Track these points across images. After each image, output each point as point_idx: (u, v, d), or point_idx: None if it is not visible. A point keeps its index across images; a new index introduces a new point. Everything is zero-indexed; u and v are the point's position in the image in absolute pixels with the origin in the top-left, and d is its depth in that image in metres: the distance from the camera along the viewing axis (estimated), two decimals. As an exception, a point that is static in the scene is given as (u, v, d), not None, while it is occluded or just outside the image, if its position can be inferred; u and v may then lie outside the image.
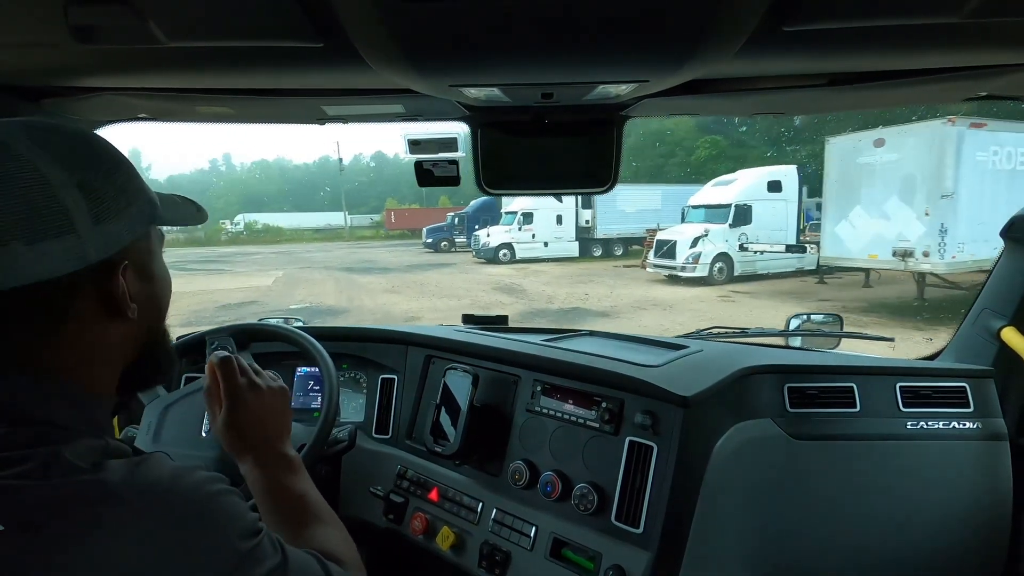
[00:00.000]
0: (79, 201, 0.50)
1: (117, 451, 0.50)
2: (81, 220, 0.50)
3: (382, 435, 1.45)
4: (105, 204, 0.52)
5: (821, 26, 0.67)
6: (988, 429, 1.27)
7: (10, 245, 0.46)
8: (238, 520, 0.51)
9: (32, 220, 0.47)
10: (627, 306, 10.06)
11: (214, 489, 0.51)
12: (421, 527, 1.23)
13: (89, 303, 0.53)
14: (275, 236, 40.37)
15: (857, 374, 1.28)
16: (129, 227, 0.55)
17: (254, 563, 0.50)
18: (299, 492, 0.77)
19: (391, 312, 9.90)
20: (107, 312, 0.55)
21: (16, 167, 0.47)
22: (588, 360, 1.20)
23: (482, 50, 0.71)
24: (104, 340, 0.56)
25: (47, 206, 0.48)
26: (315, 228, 43.82)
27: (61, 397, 0.52)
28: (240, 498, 0.54)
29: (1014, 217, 1.30)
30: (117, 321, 0.56)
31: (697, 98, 1.04)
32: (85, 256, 0.50)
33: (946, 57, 0.84)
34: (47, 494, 0.43)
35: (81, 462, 0.45)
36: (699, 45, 0.68)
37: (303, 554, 0.59)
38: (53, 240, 0.48)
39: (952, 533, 1.27)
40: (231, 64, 0.84)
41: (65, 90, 0.98)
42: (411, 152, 1.15)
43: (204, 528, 0.48)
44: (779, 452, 1.20)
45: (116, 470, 0.46)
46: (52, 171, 0.49)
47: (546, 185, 1.19)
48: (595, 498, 1.04)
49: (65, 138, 0.52)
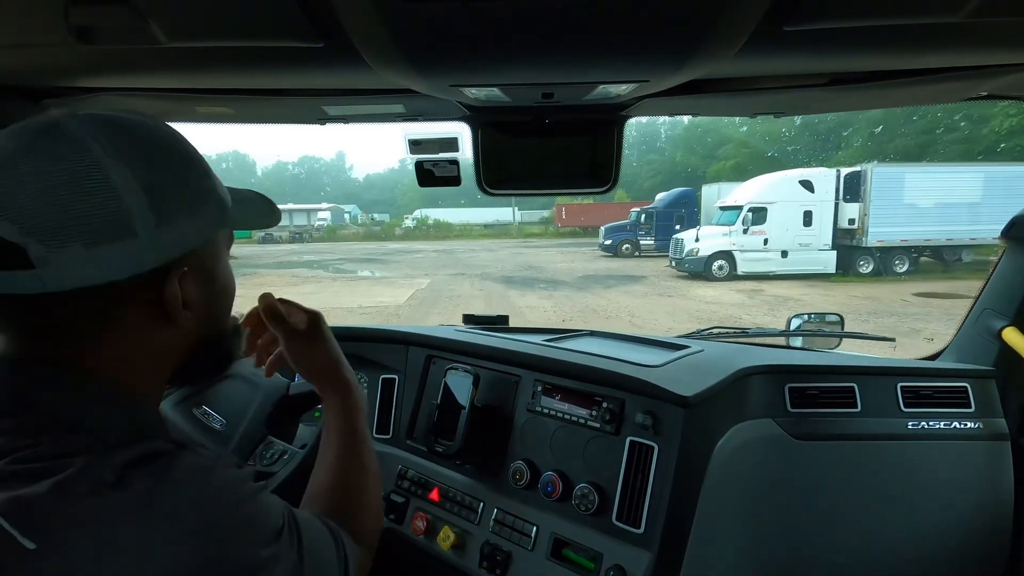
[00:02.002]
0: (143, 204, 0.48)
1: (158, 453, 0.48)
2: (142, 224, 0.48)
3: (383, 435, 1.45)
4: (170, 206, 0.50)
5: (821, 26, 0.67)
6: (989, 429, 1.27)
7: (68, 247, 0.45)
8: (263, 527, 0.51)
9: (95, 224, 0.45)
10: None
11: (243, 493, 0.50)
12: (422, 527, 1.23)
13: (141, 307, 0.52)
14: (444, 232, 40.40)
15: (858, 374, 1.28)
16: (195, 231, 0.53)
17: (274, 565, 0.50)
18: (362, 435, 0.78)
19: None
20: (159, 318, 0.53)
21: (84, 166, 0.46)
22: (589, 360, 1.20)
23: (482, 50, 0.71)
24: (151, 346, 0.54)
25: (112, 211, 0.46)
26: (484, 224, 43.48)
27: (102, 404, 0.50)
28: (268, 493, 0.53)
29: (1015, 217, 1.30)
30: (170, 327, 0.54)
31: (697, 98, 1.04)
32: (142, 262, 0.49)
33: (946, 57, 0.84)
34: (71, 511, 0.42)
35: (109, 475, 0.44)
36: (699, 45, 0.68)
37: (317, 527, 0.59)
38: (111, 244, 0.46)
39: (953, 533, 1.27)
40: (231, 64, 0.84)
41: (65, 90, 0.98)
42: (411, 152, 1.15)
43: (228, 540, 0.47)
44: (780, 452, 1.20)
45: (141, 479, 0.45)
46: (119, 171, 0.47)
47: (546, 185, 1.19)
48: (596, 498, 1.04)
49: (134, 136, 0.50)
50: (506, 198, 1.43)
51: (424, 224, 42.53)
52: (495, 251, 23.56)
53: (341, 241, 34.51)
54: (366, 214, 55.85)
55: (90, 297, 0.48)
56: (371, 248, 26.89)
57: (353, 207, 55.17)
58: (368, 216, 54.07)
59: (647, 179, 45.32)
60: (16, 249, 0.44)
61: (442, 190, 1.26)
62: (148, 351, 0.54)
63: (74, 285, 0.46)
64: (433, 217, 44.12)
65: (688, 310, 9.53)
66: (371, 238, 36.93)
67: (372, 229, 42.15)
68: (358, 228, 42.84)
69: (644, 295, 11.22)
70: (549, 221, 39.93)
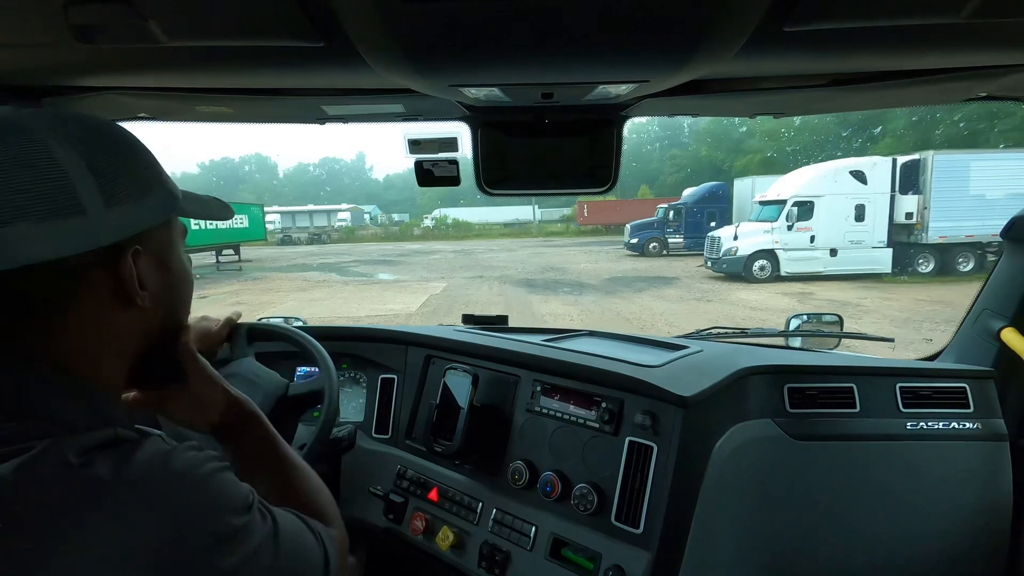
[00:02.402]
0: (91, 184, 0.50)
1: (121, 439, 0.50)
2: (92, 202, 0.50)
3: (382, 435, 1.45)
4: (119, 189, 0.53)
5: (821, 26, 0.67)
6: (988, 429, 1.27)
7: (17, 225, 0.46)
8: (230, 499, 0.51)
9: (42, 200, 0.47)
10: None
11: (206, 470, 0.51)
12: (421, 527, 1.23)
13: (97, 288, 0.53)
14: (464, 231, 39.68)
15: (857, 375, 1.28)
16: (144, 214, 0.55)
17: (247, 535, 0.51)
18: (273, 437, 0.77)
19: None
20: (116, 299, 0.55)
21: (30, 149, 0.48)
22: (588, 360, 1.20)
23: (482, 50, 0.71)
24: (112, 328, 0.56)
25: (58, 187, 0.48)
26: (504, 223, 42.83)
27: (66, 390, 0.51)
28: (231, 471, 0.54)
29: (1014, 217, 1.30)
30: (128, 309, 0.56)
31: (697, 98, 1.04)
32: (95, 238, 0.50)
33: (946, 58, 0.84)
34: (36, 492, 0.43)
35: (73, 458, 0.45)
36: (699, 45, 0.68)
37: (288, 515, 0.60)
38: (62, 220, 0.48)
39: (952, 533, 1.27)
40: (231, 64, 0.84)
41: (65, 90, 0.98)
42: (411, 152, 1.15)
43: (196, 513, 0.48)
44: (779, 452, 1.20)
45: (105, 463, 0.46)
46: (66, 154, 0.49)
47: (546, 185, 1.19)
48: (595, 498, 1.04)
49: (82, 126, 0.53)
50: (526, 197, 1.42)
51: (443, 224, 41.92)
52: (515, 251, 22.60)
53: (359, 242, 34.22)
54: (386, 214, 55.40)
55: (46, 277, 0.49)
56: (388, 249, 26.31)
57: (373, 207, 54.89)
58: (387, 216, 53.60)
59: (670, 174, 44.27)
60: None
61: (461, 189, 1.25)
62: (107, 334, 0.55)
63: (26, 261, 0.47)
64: (452, 217, 43.45)
65: (733, 317, 8.48)
66: (389, 238, 36.67)
67: (390, 229, 41.72)
68: (377, 229, 42.49)
69: (679, 299, 10.06)
70: (570, 219, 38.82)
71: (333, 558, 0.62)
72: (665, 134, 53.71)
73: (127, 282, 0.54)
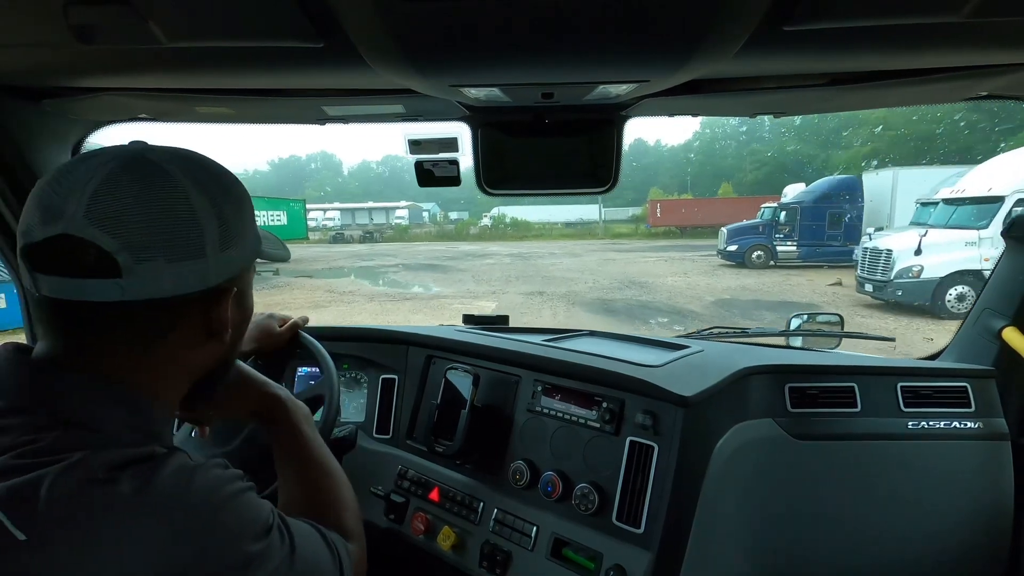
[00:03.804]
0: (214, 229, 0.54)
1: (150, 456, 0.50)
2: (212, 246, 0.54)
3: (383, 435, 1.45)
4: (231, 234, 0.57)
5: (821, 26, 0.67)
6: (989, 429, 1.27)
7: (156, 260, 0.50)
8: (250, 524, 0.52)
9: (177, 241, 0.51)
10: None
11: (228, 492, 0.52)
12: (422, 527, 1.23)
13: (192, 322, 0.56)
14: (523, 231, 37.35)
15: (858, 374, 1.28)
16: (244, 257, 0.60)
17: (265, 560, 0.51)
18: (313, 441, 0.80)
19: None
20: (206, 334, 0.58)
21: (174, 196, 0.52)
22: (589, 360, 1.20)
23: (482, 50, 0.71)
24: (195, 359, 0.59)
25: (192, 231, 0.52)
26: (565, 223, 40.24)
27: (116, 404, 0.53)
28: (253, 491, 0.55)
29: (1015, 217, 1.30)
30: (212, 342, 0.59)
31: (697, 98, 1.04)
32: (207, 279, 0.54)
33: (946, 57, 0.84)
34: (61, 506, 0.43)
35: (100, 471, 0.45)
36: (699, 45, 0.68)
37: (307, 530, 0.61)
38: (189, 261, 0.52)
39: (954, 533, 1.27)
40: (231, 64, 0.84)
41: (65, 90, 0.98)
42: (411, 152, 1.15)
43: (215, 536, 0.49)
44: (780, 452, 1.20)
45: (128, 480, 0.46)
46: (200, 200, 0.53)
47: (546, 185, 1.19)
48: (596, 498, 1.04)
49: (210, 172, 0.57)
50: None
51: (501, 223, 39.63)
52: (580, 256, 19.42)
53: (411, 241, 32.78)
54: (444, 212, 54.47)
55: (154, 309, 0.53)
56: (439, 251, 23.80)
57: (432, 205, 53.56)
58: (445, 214, 52.43)
59: (750, 171, 41.73)
60: (109, 259, 0.48)
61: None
62: (182, 366, 0.59)
63: (149, 295, 0.51)
64: (511, 215, 41.05)
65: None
66: (443, 238, 34.89)
67: (445, 228, 40.19)
68: (431, 227, 40.78)
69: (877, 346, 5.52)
70: (640, 219, 35.19)
71: (346, 557, 0.63)
72: (742, 129, 51.19)
73: (222, 321, 0.58)
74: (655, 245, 23.83)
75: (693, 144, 57.58)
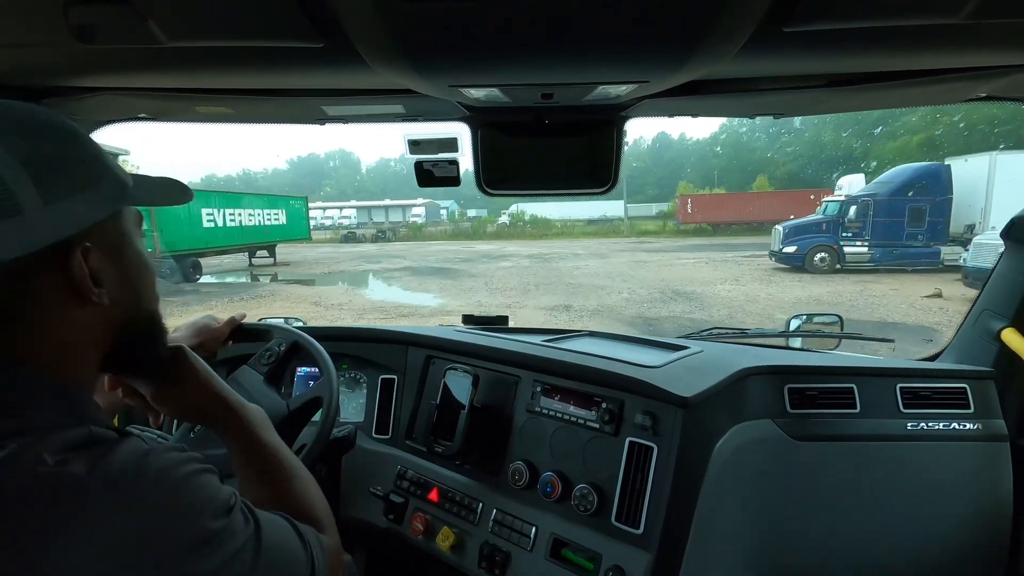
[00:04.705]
0: (26, 181, 0.47)
1: (97, 439, 0.49)
2: (29, 200, 0.47)
3: (382, 435, 1.45)
4: (57, 183, 0.50)
5: (821, 27, 0.67)
6: (988, 430, 1.27)
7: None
8: (209, 501, 0.51)
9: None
10: None
11: (185, 471, 0.50)
12: (421, 527, 1.23)
13: (49, 289, 0.51)
14: (543, 229, 34.14)
15: (857, 375, 1.28)
16: (91, 207, 0.53)
17: (227, 537, 0.50)
18: (272, 446, 0.75)
19: None
20: (72, 298, 0.53)
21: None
22: (588, 360, 1.20)
23: (482, 50, 0.71)
24: (73, 326, 0.54)
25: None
26: (588, 220, 37.40)
27: (36, 387, 0.50)
28: (213, 474, 0.53)
29: (1014, 218, 1.30)
30: (86, 307, 0.54)
31: (697, 99, 1.04)
32: (35, 239, 0.48)
33: (946, 58, 0.84)
34: (11, 494, 0.42)
35: (48, 456, 0.44)
36: (699, 46, 0.68)
37: (275, 519, 0.59)
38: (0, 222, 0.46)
39: (953, 534, 1.27)
40: (231, 64, 0.84)
41: (65, 90, 0.98)
42: (411, 152, 1.15)
43: (173, 515, 0.47)
44: (779, 453, 1.20)
45: (81, 463, 0.45)
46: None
47: (546, 186, 1.19)
48: (595, 499, 1.04)
49: (12, 118, 0.50)
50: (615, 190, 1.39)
51: (520, 220, 36.94)
52: (607, 257, 16.98)
53: (425, 240, 30.82)
54: (463, 209, 52.18)
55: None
56: (453, 251, 21.77)
57: (451, 203, 51.87)
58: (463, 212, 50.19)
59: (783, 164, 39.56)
60: None
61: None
62: (69, 332, 0.54)
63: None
64: (530, 212, 38.03)
65: None
66: (459, 236, 32.52)
67: (461, 226, 37.52)
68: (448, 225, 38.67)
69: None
70: (668, 216, 32.42)
71: (320, 565, 0.61)
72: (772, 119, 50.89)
73: (80, 281, 0.52)
74: (688, 244, 21.63)
75: (720, 137, 55.60)
